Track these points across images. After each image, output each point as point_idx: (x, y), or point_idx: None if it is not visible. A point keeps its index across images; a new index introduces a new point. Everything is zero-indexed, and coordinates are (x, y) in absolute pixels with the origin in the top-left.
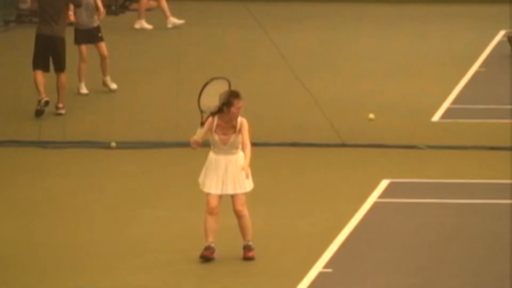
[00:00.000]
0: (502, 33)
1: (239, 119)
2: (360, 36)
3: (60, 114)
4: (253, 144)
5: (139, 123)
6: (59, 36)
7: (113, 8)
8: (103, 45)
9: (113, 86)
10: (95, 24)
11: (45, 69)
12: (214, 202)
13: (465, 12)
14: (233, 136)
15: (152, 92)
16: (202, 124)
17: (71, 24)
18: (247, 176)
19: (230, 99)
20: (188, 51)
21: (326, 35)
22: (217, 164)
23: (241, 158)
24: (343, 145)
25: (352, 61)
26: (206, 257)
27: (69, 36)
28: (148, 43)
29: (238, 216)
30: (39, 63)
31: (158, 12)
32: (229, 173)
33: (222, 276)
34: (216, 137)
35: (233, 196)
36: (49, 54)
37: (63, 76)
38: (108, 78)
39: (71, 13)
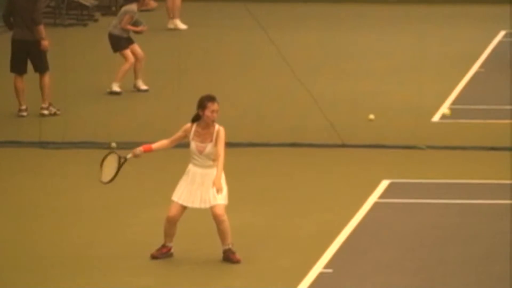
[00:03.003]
0: (502, 33)
1: (217, 127)
2: (360, 36)
3: (43, 115)
4: (253, 145)
5: (139, 123)
6: (33, 40)
7: (113, 8)
8: (138, 46)
9: (144, 87)
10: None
11: (22, 72)
12: (174, 211)
13: (465, 12)
14: (209, 145)
15: (153, 92)
16: (121, 164)
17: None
18: (217, 192)
19: (204, 102)
20: (188, 52)
21: (326, 36)
22: (194, 176)
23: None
24: (343, 146)
25: (353, 61)
26: (154, 256)
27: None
28: (149, 44)
29: (218, 221)
30: (15, 67)
31: (159, 13)
32: (205, 187)
33: (222, 276)
34: (193, 145)
35: (212, 205)
36: (25, 58)
37: (45, 77)
38: (140, 81)
39: (142, 27)
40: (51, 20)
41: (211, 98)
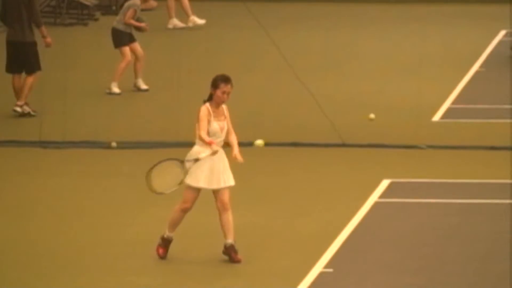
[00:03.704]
0: (502, 33)
1: (224, 105)
2: (360, 36)
3: (15, 111)
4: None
5: (139, 123)
6: (25, 41)
7: (114, 8)
8: (139, 45)
9: (144, 86)
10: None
11: (18, 72)
12: (191, 200)
13: (465, 12)
14: (225, 123)
15: (153, 92)
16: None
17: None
18: (240, 160)
19: (217, 82)
20: (188, 51)
21: (326, 35)
22: (211, 158)
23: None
24: (344, 145)
25: (353, 61)
26: (163, 256)
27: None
28: (149, 43)
29: (225, 209)
30: (10, 68)
31: (159, 13)
32: (221, 166)
33: (223, 276)
34: (216, 125)
35: (221, 189)
36: (19, 59)
37: (31, 77)
38: (140, 80)
39: (145, 25)
40: (51, 19)
41: (225, 79)
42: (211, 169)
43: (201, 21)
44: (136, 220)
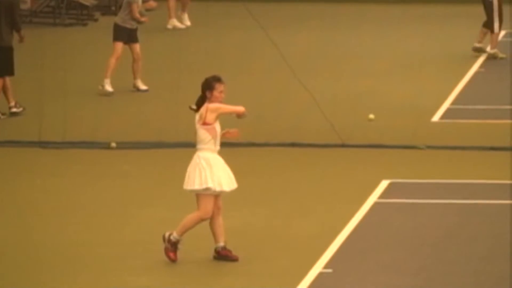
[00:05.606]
0: (502, 33)
1: None
2: (360, 36)
3: None
4: (253, 145)
5: (139, 123)
6: (1, 46)
7: (113, 8)
8: (138, 46)
9: (143, 87)
10: (135, 26)
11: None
12: (211, 206)
13: (464, 12)
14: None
15: (152, 92)
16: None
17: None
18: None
19: (212, 83)
20: (188, 52)
21: (326, 35)
22: (221, 161)
23: None
24: (343, 146)
25: (352, 61)
26: (176, 259)
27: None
28: (148, 44)
29: (219, 213)
30: None
31: (159, 13)
32: (226, 168)
33: (222, 276)
34: (218, 128)
35: (219, 194)
36: None
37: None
38: (139, 81)
39: (144, 19)
40: (51, 19)
41: (218, 79)
42: (225, 171)
43: (181, 26)
44: (135, 220)
